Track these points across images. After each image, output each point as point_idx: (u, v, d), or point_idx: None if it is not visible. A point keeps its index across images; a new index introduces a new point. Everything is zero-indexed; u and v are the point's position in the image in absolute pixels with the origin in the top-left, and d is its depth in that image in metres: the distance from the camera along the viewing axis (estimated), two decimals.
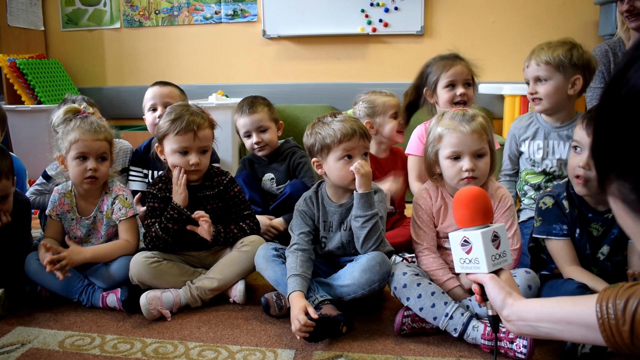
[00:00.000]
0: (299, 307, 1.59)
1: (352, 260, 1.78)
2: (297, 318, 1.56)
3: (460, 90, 2.20)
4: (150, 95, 2.43)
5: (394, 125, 2.35)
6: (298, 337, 1.58)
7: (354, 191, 1.73)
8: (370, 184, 1.73)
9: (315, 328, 1.56)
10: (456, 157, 1.68)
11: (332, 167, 1.77)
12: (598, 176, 0.64)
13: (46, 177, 2.40)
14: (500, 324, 1.48)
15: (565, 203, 1.68)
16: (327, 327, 1.60)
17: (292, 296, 1.65)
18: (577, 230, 1.67)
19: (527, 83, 2.08)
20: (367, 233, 1.72)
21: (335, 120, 1.76)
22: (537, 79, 2.03)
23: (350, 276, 1.71)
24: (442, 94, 2.23)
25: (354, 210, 1.74)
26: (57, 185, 2.05)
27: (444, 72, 2.22)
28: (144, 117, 2.49)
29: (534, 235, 1.74)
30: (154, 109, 2.39)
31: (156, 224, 1.93)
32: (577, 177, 1.62)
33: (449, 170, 1.70)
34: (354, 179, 1.72)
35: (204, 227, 1.91)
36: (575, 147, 1.64)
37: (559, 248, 1.68)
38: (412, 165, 2.36)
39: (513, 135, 2.19)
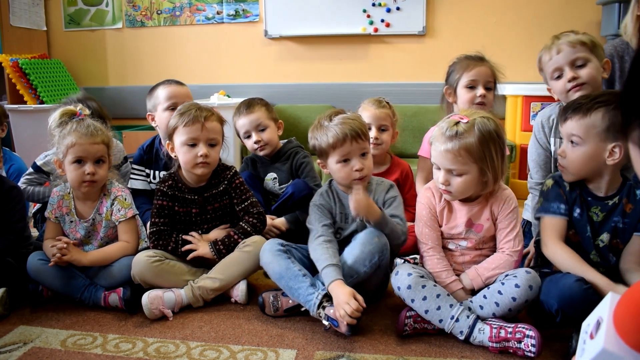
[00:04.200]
0: (347, 292, 1.60)
1: None
2: (349, 302, 1.57)
3: (480, 91, 2.16)
4: (167, 95, 2.38)
5: None
6: (344, 323, 1.58)
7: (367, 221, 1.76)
8: (375, 212, 1.73)
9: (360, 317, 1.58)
10: (437, 168, 1.70)
11: (332, 169, 1.84)
12: (622, 124, 0.69)
13: (36, 168, 2.40)
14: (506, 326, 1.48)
15: (565, 183, 1.68)
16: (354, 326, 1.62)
17: (335, 285, 1.64)
18: (578, 210, 1.66)
19: (557, 76, 1.91)
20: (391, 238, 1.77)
21: (331, 124, 1.79)
22: (573, 63, 1.86)
23: (351, 254, 1.73)
24: (462, 94, 2.20)
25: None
26: (57, 178, 2.03)
27: (467, 71, 2.19)
28: (149, 114, 2.46)
29: (535, 216, 1.73)
30: (174, 108, 2.35)
31: (170, 242, 1.97)
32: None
33: (434, 174, 1.74)
34: (354, 178, 1.80)
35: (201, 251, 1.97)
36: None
37: (551, 224, 1.66)
38: (420, 167, 2.35)
39: (540, 129, 2.02)
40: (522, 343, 1.50)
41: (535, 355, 1.48)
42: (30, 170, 2.42)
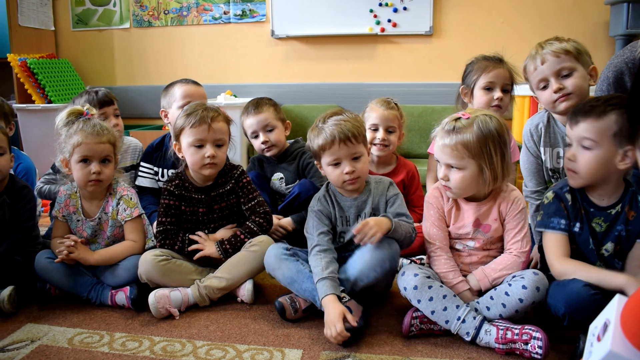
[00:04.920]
0: (336, 313, 1.58)
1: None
2: (335, 325, 1.55)
3: (497, 94, 2.15)
4: (183, 93, 2.40)
5: (369, 137, 2.32)
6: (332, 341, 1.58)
7: None
8: (385, 226, 1.68)
9: (352, 335, 1.56)
10: (438, 162, 1.71)
11: (326, 170, 1.83)
12: (630, 131, 0.70)
13: (54, 169, 2.43)
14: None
15: (568, 196, 1.66)
16: (360, 331, 1.61)
17: (326, 300, 1.63)
18: (578, 225, 1.64)
19: (543, 87, 1.87)
20: (402, 240, 1.76)
21: (324, 125, 1.77)
22: (559, 73, 1.82)
23: (362, 259, 1.70)
24: (479, 96, 2.19)
25: None
26: (65, 177, 2.04)
27: (485, 73, 2.17)
28: (163, 111, 2.46)
29: (536, 229, 1.73)
30: None
31: (177, 242, 1.98)
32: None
33: (437, 170, 1.74)
34: (345, 181, 1.78)
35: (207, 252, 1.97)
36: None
37: (552, 241, 1.65)
38: (431, 166, 2.35)
39: (529, 137, 2.00)
40: (529, 345, 1.49)
41: (542, 357, 1.47)
42: (50, 170, 2.44)
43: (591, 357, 1.00)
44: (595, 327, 1.08)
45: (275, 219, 2.27)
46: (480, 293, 1.68)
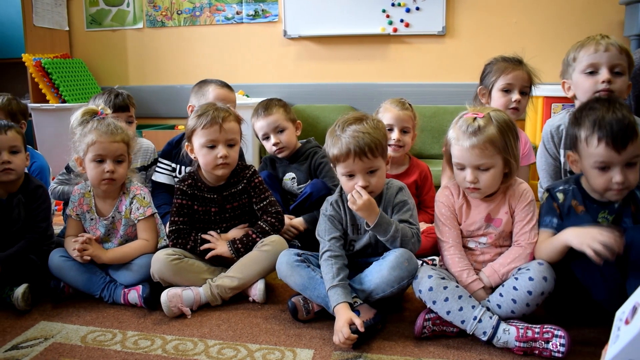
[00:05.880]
0: (344, 319, 1.57)
1: (375, 259, 1.76)
2: (341, 331, 1.55)
3: (515, 96, 2.14)
4: (217, 96, 2.42)
5: None
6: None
7: (366, 224, 1.70)
8: (373, 212, 1.66)
9: (359, 338, 1.56)
10: (461, 168, 1.68)
11: (340, 179, 1.78)
12: None
13: (67, 169, 2.45)
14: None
15: (559, 195, 1.66)
16: (369, 333, 1.60)
17: (338, 308, 1.62)
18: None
19: (590, 72, 1.83)
20: (400, 244, 1.70)
21: (342, 134, 1.69)
22: (613, 68, 1.79)
23: (379, 275, 1.67)
24: (497, 98, 2.18)
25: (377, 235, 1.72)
26: (78, 176, 2.06)
27: (504, 74, 2.16)
28: (190, 106, 2.47)
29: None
30: None
31: (189, 241, 1.99)
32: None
33: (456, 176, 1.72)
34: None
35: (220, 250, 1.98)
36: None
37: (542, 237, 1.66)
38: (446, 165, 2.34)
39: (549, 139, 1.98)
40: (550, 343, 1.48)
41: (563, 356, 1.46)
42: (63, 171, 2.47)
43: (618, 341, 0.99)
44: (622, 312, 1.06)
45: (287, 218, 2.27)
46: (493, 291, 1.66)
